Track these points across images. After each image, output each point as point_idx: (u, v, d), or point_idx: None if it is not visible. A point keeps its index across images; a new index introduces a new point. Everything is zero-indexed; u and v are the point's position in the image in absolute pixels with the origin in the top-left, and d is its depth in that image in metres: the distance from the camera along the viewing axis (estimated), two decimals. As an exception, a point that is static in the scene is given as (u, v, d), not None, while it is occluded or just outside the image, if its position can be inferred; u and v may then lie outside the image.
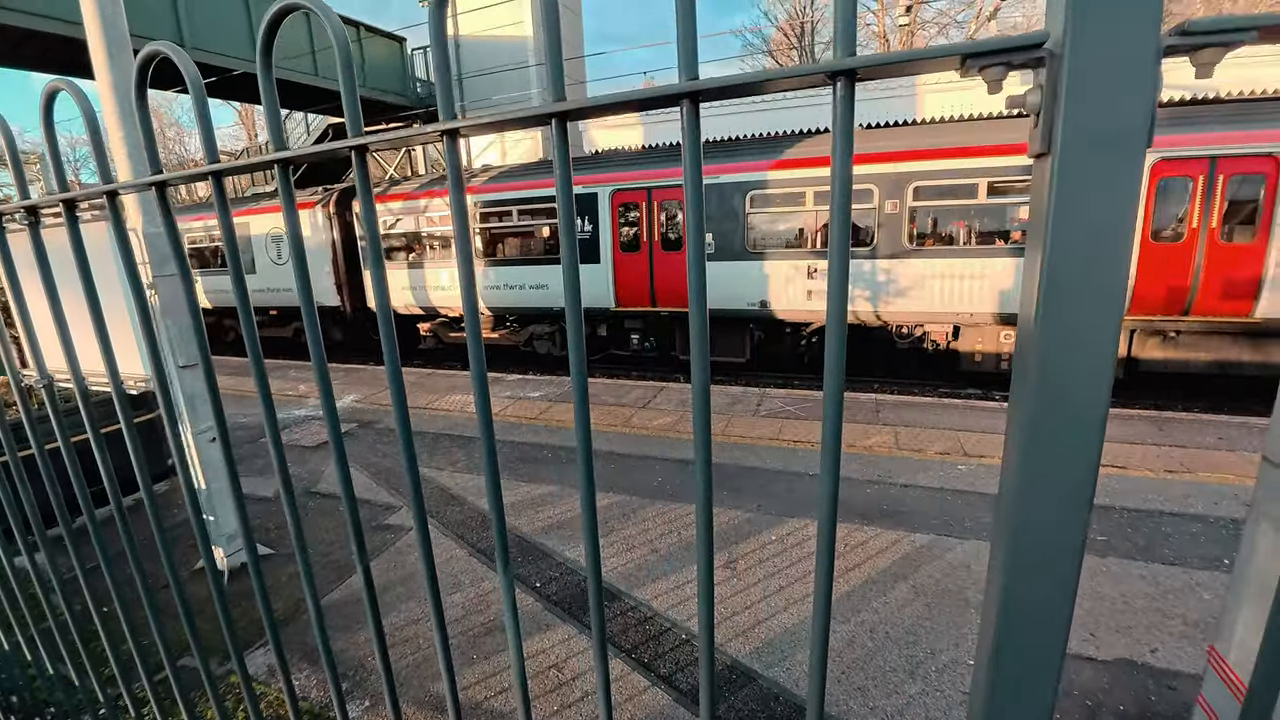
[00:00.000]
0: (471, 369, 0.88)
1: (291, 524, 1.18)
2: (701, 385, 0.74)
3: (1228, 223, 7.09)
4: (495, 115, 0.72)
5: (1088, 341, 0.53)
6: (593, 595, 0.90)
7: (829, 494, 0.70)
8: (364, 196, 0.85)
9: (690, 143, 0.64)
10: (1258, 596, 1.88)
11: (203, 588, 3.62)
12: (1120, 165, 0.50)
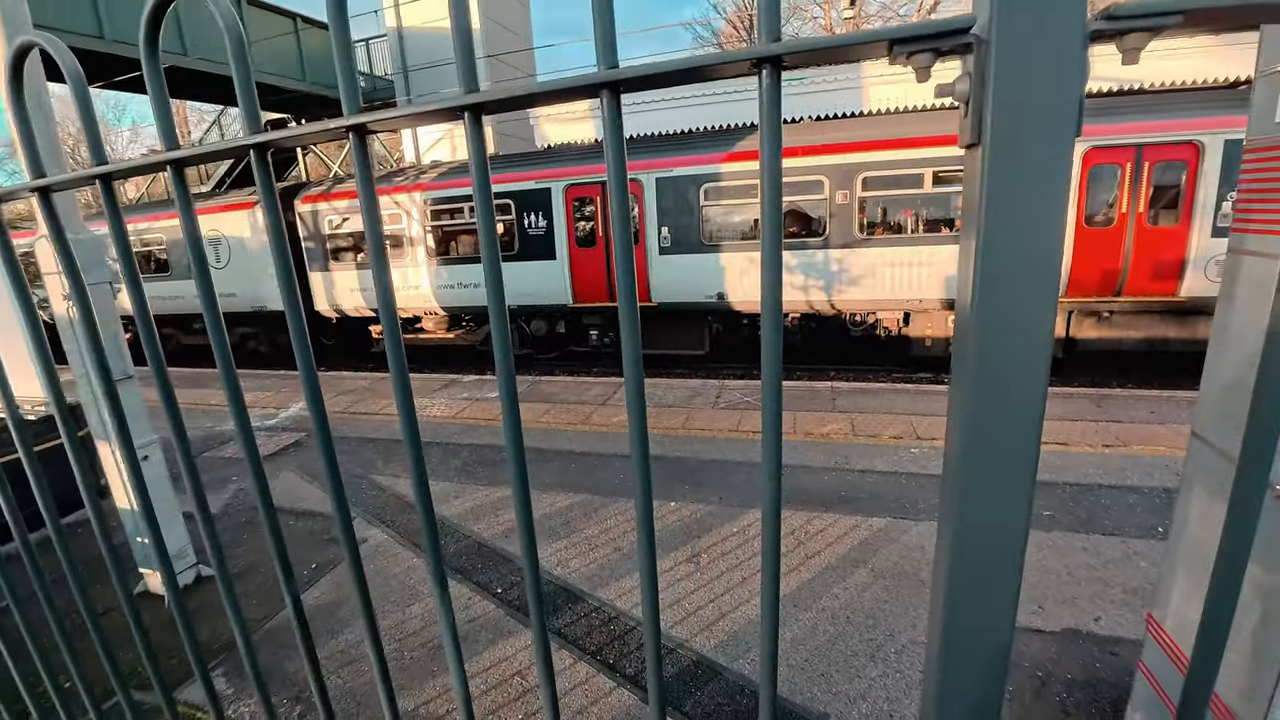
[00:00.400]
0: (392, 373, 0.82)
1: (213, 551, 1.09)
2: (635, 379, 0.70)
3: (1154, 207, 7.47)
4: (405, 110, 0.66)
5: (1025, 327, 0.52)
6: (533, 604, 0.86)
7: (772, 473, 0.68)
8: (265, 197, 0.78)
9: (612, 134, 0.60)
10: (1190, 565, 1.97)
11: (144, 613, 3.41)
12: (1051, 153, 0.48)
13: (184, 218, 0.87)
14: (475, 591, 3.52)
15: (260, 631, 3.36)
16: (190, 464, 1.08)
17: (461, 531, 4.21)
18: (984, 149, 0.49)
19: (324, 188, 11.24)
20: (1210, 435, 1.88)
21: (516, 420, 0.78)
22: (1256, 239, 1.69)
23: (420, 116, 0.67)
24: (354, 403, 7.58)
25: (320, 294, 11.36)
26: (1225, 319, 1.81)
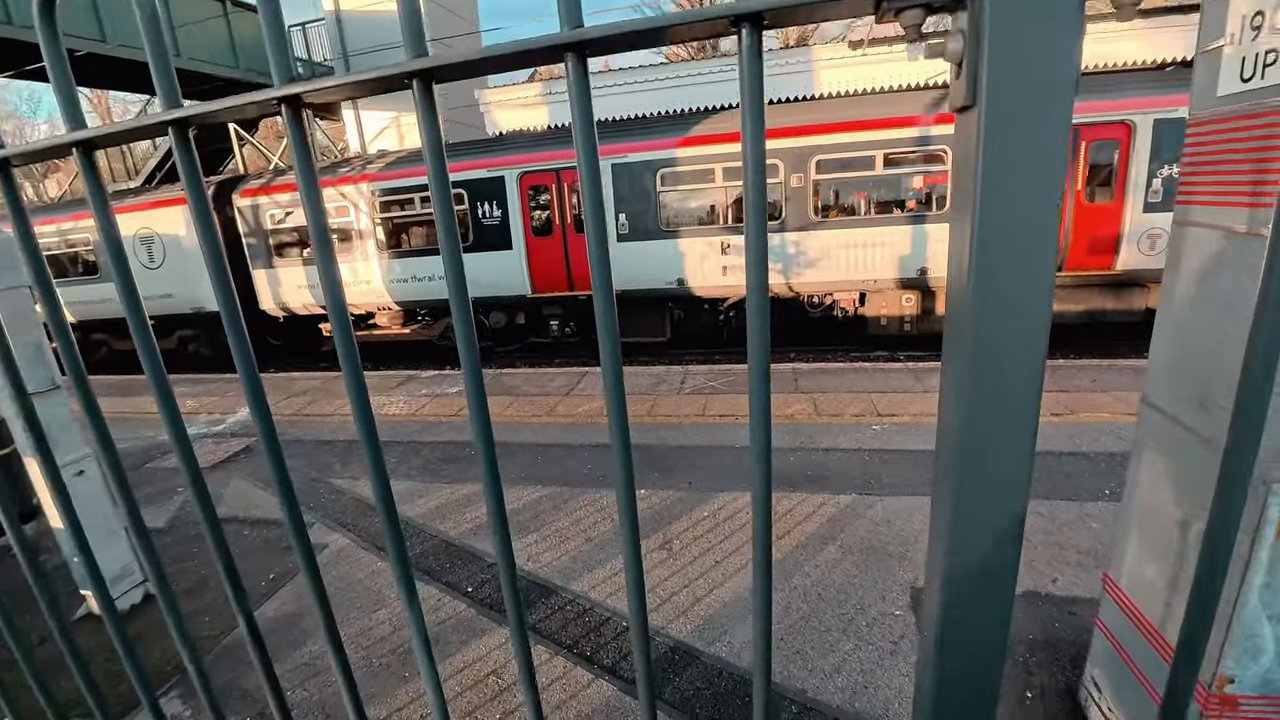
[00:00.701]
0: (344, 372, 0.75)
1: (152, 572, 1.01)
2: (612, 363, 0.66)
3: (1090, 185, 7.79)
4: (345, 78, 0.60)
5: (1023, 298, 0.50)
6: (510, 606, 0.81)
7: (762, 456, 0.65)
8: (188, 178, 0.69)
9: (579, 102, 0.55)
10: (1143, 526, 2.05)
11: (85, 638, 3.21)
12: (1050, 114, 0.45)
13: (96, 208, 0.77)
14: (445, 592, 3.43)
15: (218, 648, 3.21)
16: (121, 478, 0.99)
17: (427, 531, 4.10)
18: (980, 111, 0.46)
19: (264, 180, 10.72)
20: (1160, 401, 1.95)
21: (485, 418, 0.73)
22: (1201, 210, 1.75)
23: (362, 85, 0.60)
24: (307, 404, 7.30)
25: (265, 292, 10.87)
26: (1172, 288, 1.87)
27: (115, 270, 0.82)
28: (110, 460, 0.99)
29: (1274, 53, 1.49)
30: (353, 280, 10.33)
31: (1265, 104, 1.51)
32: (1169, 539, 1.88)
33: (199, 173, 0.70)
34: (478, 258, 9.64)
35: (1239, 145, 1.60)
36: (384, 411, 6.75)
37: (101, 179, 0.79)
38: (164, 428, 0.88)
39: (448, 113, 15.61)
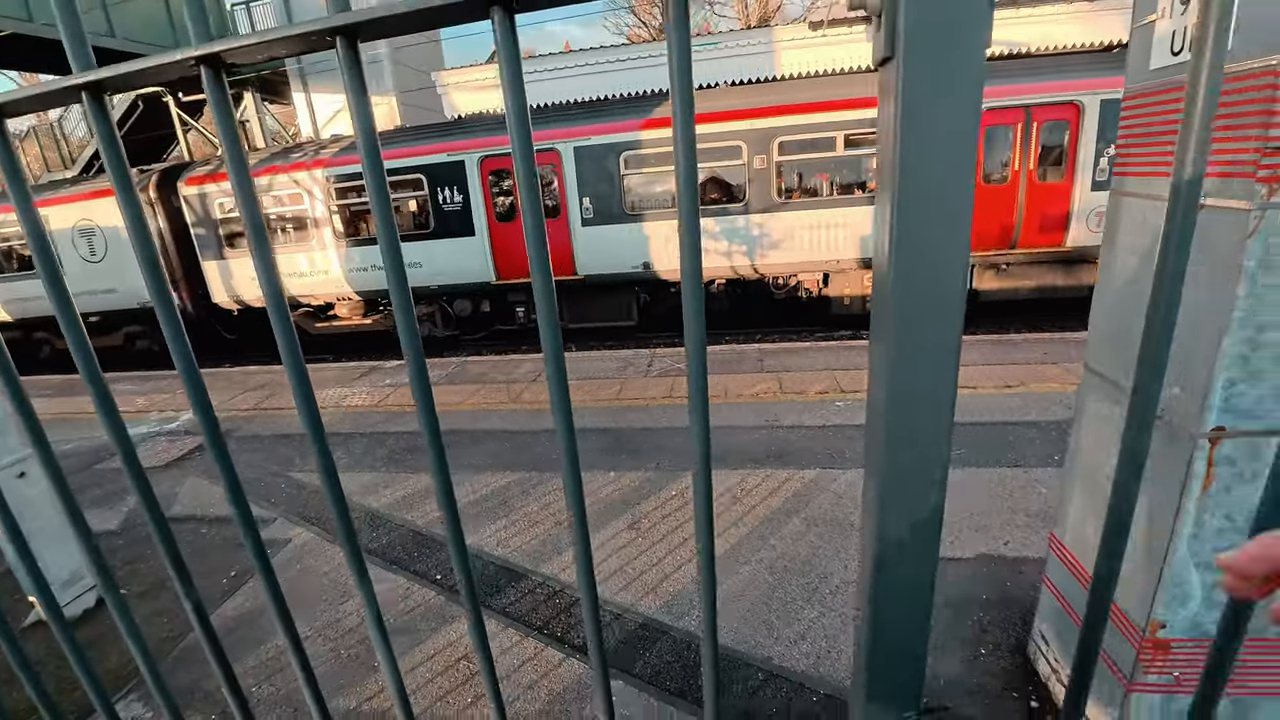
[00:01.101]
0: (286, 365, 0.74)
1: (99, 575, 0.98)
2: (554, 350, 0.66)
3: (1042, 164, 8.02)
4: (266, 35, 0.58)
5: (941, 247, 0.51)
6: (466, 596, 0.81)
7: (700, 432, 0.66)
8: (106, 149, 0.66)
9: (509, 63, 0.54)
10: (1085, 486, 2.15)
11: (38, 645, 3.09)
12: (964, 63, 0.47)
13: (11, 186, 0.74)
14: (413, 580, 3.40)
15: (178, 649, 3.13)
16: (59, 479, 0.95)
17: (394, 521, 4.05)
18: (898, 61, 0.48)
19: (212, 167, 10.28)
20: (1099, 366, 2.04)
21: (430, 405, 0.73)
22: (1135, 181, 1.82)
23: (285, 42, 0.58)
24: (265, 398, 7.10)
25: (217, 284, 10.48)
26: (1109, 258, 1.95)
27: (38, 261, 0.78)
28: (46, 461, 0.95)
29: (1199, 27, 1.55)
30: (310, 270, 10.03)
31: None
32: (1104, 494, 1.97)
33: (119, 143, 0.67)
34: (440, 244, 9.46)
35: (1169, 117, 1.67)
36: (347, 403, 6.61)
37: (16, 155, 0.75)
38: (103, 428, 0.85)
39: (404, 95, 15.18)
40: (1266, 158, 1.38)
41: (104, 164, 0.67)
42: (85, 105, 0.65)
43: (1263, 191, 1.39)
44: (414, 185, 9.35)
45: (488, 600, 3.18)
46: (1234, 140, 1.44)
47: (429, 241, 9.47)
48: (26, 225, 0.78)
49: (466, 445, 5.12)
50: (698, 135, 8.44)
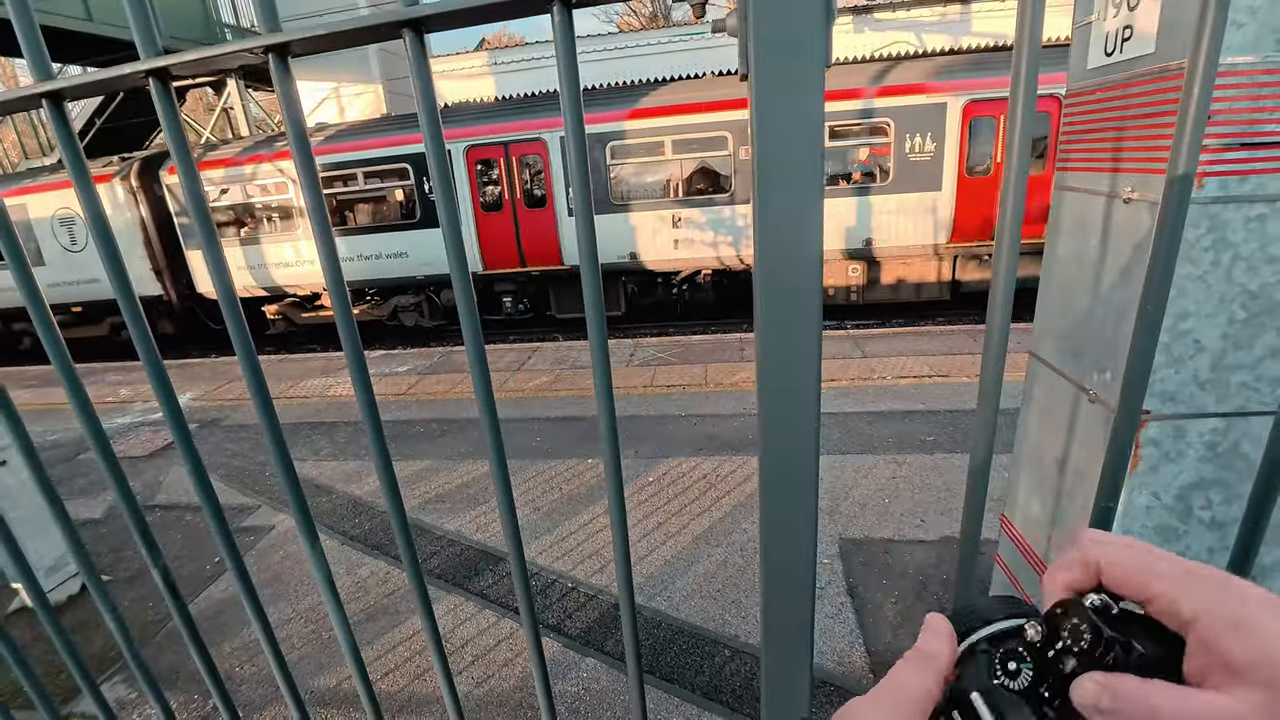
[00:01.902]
0: (239, 356, 0.80)
1: (77, 558, 1.04)
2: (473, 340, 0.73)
3: (1025, 156, 8.10)
4: (208, 51, 0.64)
5: (797, 224, 0.58)
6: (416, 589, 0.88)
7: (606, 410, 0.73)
8: (68, 153, 0.72)
9: (419, 76, 0.61)
10: (1031, 468, 2.25)
11: (25, 630, 3.15)
12: (806, 79, 0.54)
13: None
14: (393, 565, 3.48)
15: (163, 631, 3.19)
16: (38, 467, 1.01)
17: (377, 508, 4.12)
18: (752, 78, 0.55)
19: (195, 155, 10.18)
20: (1044, 353, 2.14)
21: (371, 399, 0.79)
22: (1075, 176, 1.90)
23: (226, 56, 0.64)
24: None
25: (201, 274, 10.43)
26: (1053, 249, 2.04)
27: (6, 252, 0.84)
28: (25, 449, 1.01)
29: (1130, 29, 1.63)
30: (295, 260, 10.00)
31: (1122, 77, 1.65)
32: (1050, 477, 2.08)
33: (79, 149, 0.73)
34: (426, 234, 9.46)
35: (1103, 115, 1.75)
36: (332, 392, 6.64)
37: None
38: (76, 418, 0.91)
39: (390, 84, 15.06)
40: (1184, 156, 1.46)
41: (70, 173, 0.73)
42: (46, 112, 0.71)
43: (1180, 188, 1.47)
44: (400, 175, 9.33)
45: (466, 583, 3.26)
46: (1153, 137, 1.52)
47: (415, 231, 9.47)
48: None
49: (451, 434, 5.19)
50: (685, 125, 8.51)
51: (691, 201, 8.79)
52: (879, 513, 3.53)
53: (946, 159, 8.13)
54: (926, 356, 5.97)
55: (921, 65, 8.48)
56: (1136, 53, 1.60)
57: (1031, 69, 0.59)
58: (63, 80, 0.69)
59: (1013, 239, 0.64)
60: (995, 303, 0.68)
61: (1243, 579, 0.32)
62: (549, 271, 9.39)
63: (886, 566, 3.10)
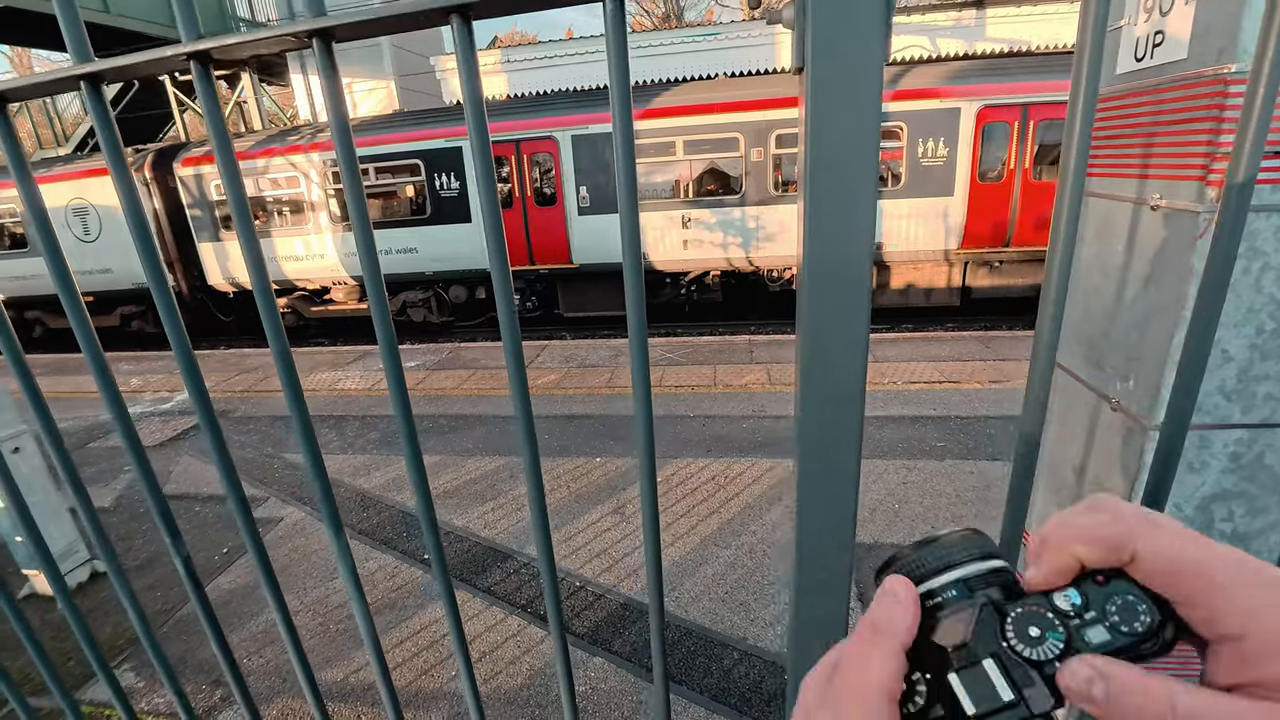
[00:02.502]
0: (273, 348, 0.80)
1: (97, 540, 1.04)
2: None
3: (1039, 163, 8.06)
4: (247, 36, 0.63)
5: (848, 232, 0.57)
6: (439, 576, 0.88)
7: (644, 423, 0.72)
8: (104, 136, 0.72)
9: (465, 63, 0.60)
10: (1049, 479, 2.23)
11: (34, 616, 3.16)
12: (863, 76, 0.53)
13: (15, 171, 0.79)
14: (402, 560, 3.48)
15: (169, 622, 3.20)
16: (63, 453, 1.01)
17: (385, 502, 4.12)
18: (808, 72, 0.54)
19: (208, 148, 10.25)
20: (1067, 361, 2.11)
21: (404, 397, 0.79)
22: (1099, 182, 1.88)
23: (266, 41, 0.64)
24: (259, 380, 7.15)
25: (213, 266, 10.48)
26: (1077, 256, 2.02)
27: (41, 241, 0.84)
28: (51, 436, 1.01)
29: (1161, 34, 1.61)
30: (306, 254, 10.04)
31: (1152, 82, 1.63)
32: (1068, 486, 2.06)
33: (115, 129, 0.72)
34: (436, 230, 9.48)
35: (1131, 121, 1.73)
36: (340, 386, 6.66)
37: (19, 139, 0.80)
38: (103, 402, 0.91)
39: (403, 80, 15.11)
40: (1216, 162, 1.44)
41: (102, 151, 0.73)
42: (84, 94, 0.71)
43: (1212, 195, 1.46)
44: (411, 171, 9.35)
45: (474, 580, 3.25)
46: (1185, 144, 1.50)
47: (425, 227, 9.49)
48: (30, 206, 0.84)
49: (459, 430, 5.19)
50: (697, 126, 8.49)
51: (702, 202, 8.77)
52: (889, 518, 3.51)
53: (959, 164, 8.09)
54: (937, 362, 5.93)
55: (935, 70, 8.44)
56: (1168, 58, 1.58)
57: (1094, 73, 0.57)
58: (102, 62, 0.69)
59: (1065, 251, 0.63)
60: (1045, 312, 0.66)
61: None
62: (558, 270, 9.39)
63: (896, 572, 3.07)
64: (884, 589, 0.36)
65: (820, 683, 0.35)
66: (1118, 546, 0.30)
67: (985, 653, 0.32)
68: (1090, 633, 0.30)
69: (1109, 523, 0.30)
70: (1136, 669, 0.29)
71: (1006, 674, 0.31)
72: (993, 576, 0.35)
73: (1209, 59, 1.45)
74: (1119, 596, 0.30)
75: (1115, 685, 0.28)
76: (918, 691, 0.33)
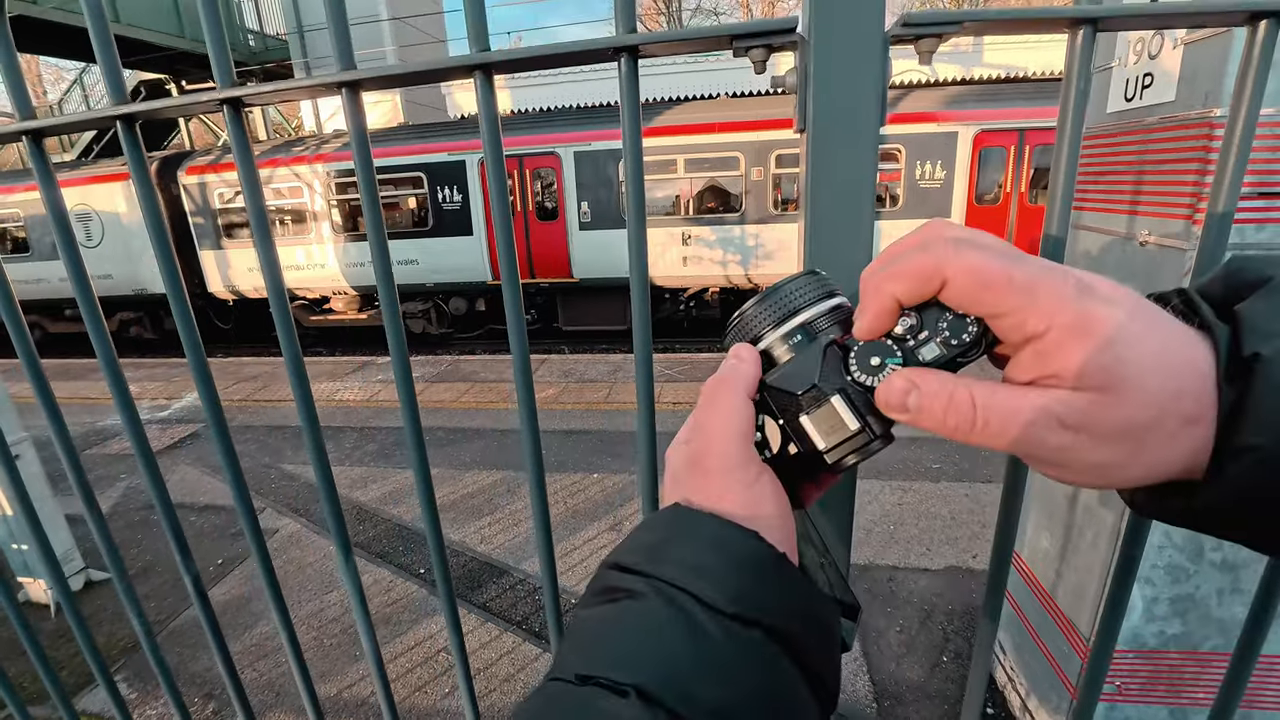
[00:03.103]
0: (285, 358, 0.83)
1: (104, 546, 1.06)
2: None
3: (1035, 187, 8.18)
4: (282, 85, 0.67)
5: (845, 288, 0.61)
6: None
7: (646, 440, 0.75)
8: (136, 172, 0.75)
9: (486, 114, 0.64)
10: (1040, 501, 2.26)
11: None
12: (859, 139, 0.56)
13: (46, 194, 0.82)
14: (397, 574, 3.48)
15: (162, 634, 3.20)
16: (74, 459, 1.03)
17: (381, 515, 4.12)
18: (809, 134, 0.57)
19: (212, 157, 10.34)
20: (1057, 388, 2.15)
21: (414, 408, 0.81)
22: (1090, 216, 1.93)
23: (298, 90, 0.67)
24: (257, 390, 7.15)
25: (213, 274, 10.52)
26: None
27: (64, 251, 0.87)
28: (64, 443, 1.03)
29: (1150, 76, 1.66)
30: (307, 263, 10.09)
31: (1141, 122, 1.68)
32: (1060, 512, 2.08)
33: (147, 167, 0.76)
34: (437, 243, 9.54)
35: (1120, 158, 1.78)
36: (339, 397, 6.67)
37: (51, 166, 0.84)
38: (116, 410, 0.93)
39: (409, 94, 15.26)
40: (1203, 202, 1.49)
41: (136, 189, 0.76)
42: (120, 134, 0.74)
43: (1198, 234, 1.50)
44: (414, 183, 9.43)
45: (469, 595, 3.25)
46: (1173, 183, 1.55)
47: (427, 239, 9.55)
48: (56, 221, 0.87)
49: (457, 443, 5.20)
50: (699, 144, 8.59)
51: (702, 220, 8.86)
52: (884, 539, 3.52)
53: (956, 187, 8.20)
54: (933, 383, 5.97)
55: (933, 94, 8.58)
56: (1157, 99, 1.64)
57: (1079, 111, 0.61)
58: (138, 104, 0.72)
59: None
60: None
61: (1103, 279, 0.29)
62: (558, 283, 9.45)
63: (891, 594, 3.08)
64: (729, 356, 0.39)
65: (680, 447, 0.38)
66: (928, 277, 0.31)
67: (833, 390, 0.34)
68: (924, 351, 0.32)
69: (915, 256, 0.31)
70: (943, 374, 0.32)
71: (853, 405, 0.34)
72: (834, 314, 0.37)
73: (1196, 102, 1.51)
74: (949, 313, 0.31)
75: (924, 392, 0.31)
76: (771, 438, 0.36)
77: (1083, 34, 0.57)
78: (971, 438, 0.30)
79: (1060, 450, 0.29)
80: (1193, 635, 1.85)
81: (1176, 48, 1.56)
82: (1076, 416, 0.28)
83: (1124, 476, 0.29)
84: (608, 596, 0.34)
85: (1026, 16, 0.58)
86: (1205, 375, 0.27)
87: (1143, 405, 0.27)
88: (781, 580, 0.33)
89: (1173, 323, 0.29)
